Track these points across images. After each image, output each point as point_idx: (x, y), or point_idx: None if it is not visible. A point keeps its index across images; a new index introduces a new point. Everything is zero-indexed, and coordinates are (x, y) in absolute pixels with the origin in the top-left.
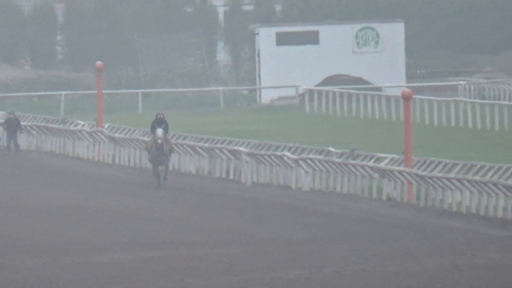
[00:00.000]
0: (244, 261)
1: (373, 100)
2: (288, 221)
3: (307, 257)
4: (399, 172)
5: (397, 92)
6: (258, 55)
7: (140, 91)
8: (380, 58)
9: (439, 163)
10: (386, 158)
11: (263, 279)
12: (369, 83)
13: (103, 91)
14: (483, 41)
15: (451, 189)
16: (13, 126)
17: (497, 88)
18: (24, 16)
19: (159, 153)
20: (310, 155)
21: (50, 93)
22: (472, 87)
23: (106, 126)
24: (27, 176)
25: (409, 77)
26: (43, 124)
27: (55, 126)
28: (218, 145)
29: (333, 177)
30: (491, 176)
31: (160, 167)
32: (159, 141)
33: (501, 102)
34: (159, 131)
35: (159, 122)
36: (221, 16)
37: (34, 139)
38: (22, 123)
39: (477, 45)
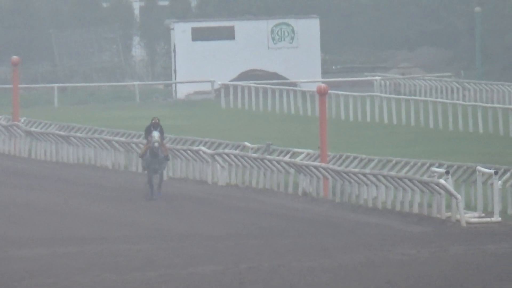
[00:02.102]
0: (161, 256)
1: (289, 95)
2: (204, 216)
3: (223, 252)
4: (315, 167)
5: (313, 87)
6: (174, 50)
7: (56, 85)
8: (296, 54)
9: (355, 158)
10: (301, 153)
11: (179, 274)
12: (285, 78)
13: (19, 86)
14: (400, 37)
15: (366, 185)
16: None
17: (412, 84)
18: None
19: (153, 160)
20: (226, 150)
21: None
22: (387, 83)
23: (22, 120)
24: None
25: (325, 72)
26: None
27: None
28: (134, 140)
29: (249, 172)
30: (407, 172)
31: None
32: (156, 144)
33: (417, 97)
34: (155, 134)
35: (155, 127)
36: (136, 11)
37: None
38: None
39: (394, 41)
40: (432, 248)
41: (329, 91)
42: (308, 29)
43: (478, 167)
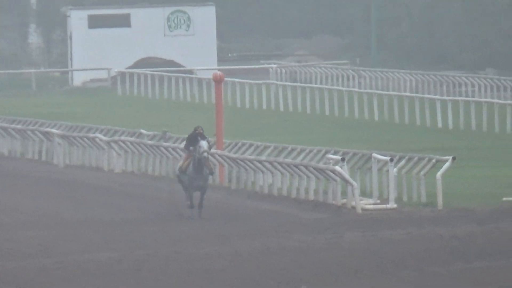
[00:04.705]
0: (57, 243)
1: (185, 82)
2: (101, 203)
3: (119, 239)
4: (211, 154)
5: (209, 75)
6: (70, 37)
7: None
8: (192, 41)
9: (251, 145)
10: None
11: (76, 261)
12: (181, 66)
13: None
14: (296, 24)
15: (262, 172)
16: None
17: (308, 71)
18: None
19: (197, 176)
20: (122, 137)
21: None
22: (283, 70)
23: None
24: None
25: (221, 60)
26: None
27: None
28: (31, 127)
29: (145, 159)
30: (302, 159)
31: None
32: (205, 154)
33: (313, 85)
34: (204, 144)
35: (201, 137)
36: None
37: None
38: None
39: (290, 29)
40: (328, 235)
41: (225, 79)
42: (204, 16)
43: (374, 154)
